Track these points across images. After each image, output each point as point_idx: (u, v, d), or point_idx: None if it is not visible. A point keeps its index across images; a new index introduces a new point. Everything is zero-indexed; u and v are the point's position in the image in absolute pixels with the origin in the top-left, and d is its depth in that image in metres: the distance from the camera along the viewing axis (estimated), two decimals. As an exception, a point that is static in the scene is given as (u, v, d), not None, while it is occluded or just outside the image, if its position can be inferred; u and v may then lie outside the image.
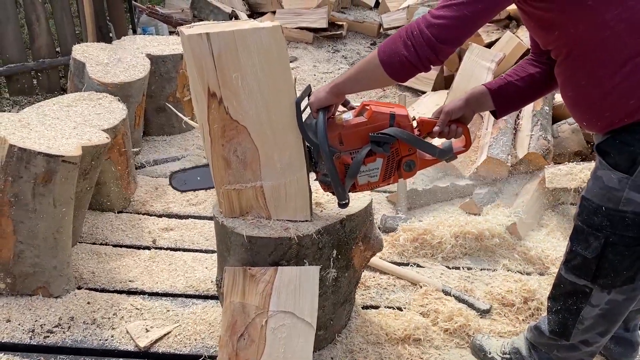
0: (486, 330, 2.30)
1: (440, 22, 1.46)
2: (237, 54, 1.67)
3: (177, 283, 2.51)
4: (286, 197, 1.88)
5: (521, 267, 2.72)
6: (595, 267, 1.64)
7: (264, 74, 1.71)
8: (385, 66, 1.56)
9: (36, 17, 4.33)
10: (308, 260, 1.89)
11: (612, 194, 1.55)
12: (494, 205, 3.05)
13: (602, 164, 1.59)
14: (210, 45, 1.65)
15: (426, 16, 1.50)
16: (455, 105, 1.83)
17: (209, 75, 1.69)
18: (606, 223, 1.58)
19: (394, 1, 6.42)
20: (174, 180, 2.20)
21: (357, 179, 1.81)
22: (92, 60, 3.27)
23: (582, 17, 1.46)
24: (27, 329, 2.20)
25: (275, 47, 1.69)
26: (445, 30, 1.47)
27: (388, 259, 2.73)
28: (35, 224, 2.20)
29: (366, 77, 1.65)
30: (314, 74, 5.10)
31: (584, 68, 1.53)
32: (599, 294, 1.68)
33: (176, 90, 3.70)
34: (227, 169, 1.84)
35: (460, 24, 1.47)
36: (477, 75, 3.97)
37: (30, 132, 2.29)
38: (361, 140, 1.78)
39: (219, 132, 1.78)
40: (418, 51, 1.49)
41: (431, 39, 1.47)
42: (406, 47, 1.51)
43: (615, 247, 1.59)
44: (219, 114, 1.75)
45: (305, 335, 1.80)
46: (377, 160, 1.80)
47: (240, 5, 6.27)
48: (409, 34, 1.51)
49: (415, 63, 1.52)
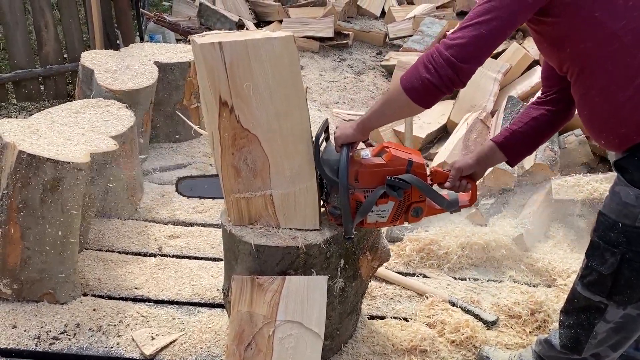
0: (493, 342, 2.29)
1: (459, 42, 1.49)
2: (249, 63, 1.68)
3: (183, 291, 2.51)
4: (295, 206, 1.88)
5: (528, 278, 2.71)
6: (611, 284, 1.62)
7: (276, 84, 1.72)
8: (408, 92, 1.58)
9: (45, 23, 4.35)
10: (316, 270, 1.89)
11: (629, 210, 1.55)
12: (500, 216, 3.04)
13: (620, 180, 1.59)
14: (222, 54, 1.66)
15: (444, 40, 1.54)
16: (467, 163, 1.88)
17: (220, 83, 1.70)
18: (622, 239, 1.58)
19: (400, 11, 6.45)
20: (181, 186, 2.19)
21: (366, 216, 1.84)
22: (100, 67, 3.28)
23: (590, 30, 1.47)
24: (32, 335, 2.19)
25: (287, 57, 1.70)
26: (464, 50, 1.49)
27: (394, 269, 2.72)
28: (43, 230, 2.21)
29: (391, 108, 1.68)
30: (320, 83, 5.11)
31: (596, 84, 1.54)
32: (614, 310, 1.67)
33: (183, 97, 3.71)
34: (237, 177, 1.84)
35: (478, 43, 1.49)
36: (484, 86, 3.98)
37: (39, 138, 2.30)
38: (377, 180, 1.80)
39: (229, 140, 1.78)
40: (440, 72, 1.51)
41: (451, 59, 1.49)
42: (427, 70, 1.53)
43: (632, 263, 1.58)
44: (230, 122, 1.75)
45: (312, 346, 1.80)
46: (388, 202, 1.83)
47: (247, 14, 6.30)
48: (430, 57, 1.53)
49: (438, 84, 1.53)
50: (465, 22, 1.51)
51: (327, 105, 4.70)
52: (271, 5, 6.38)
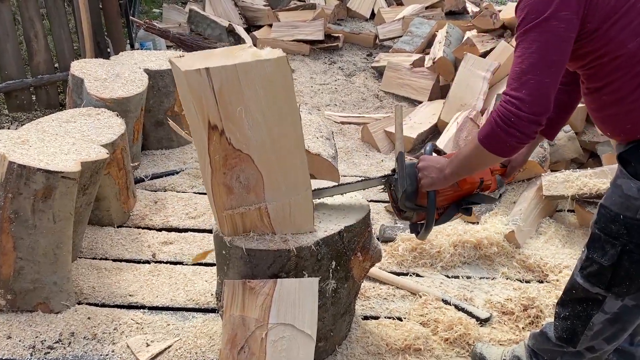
0: (486, 339, 2.31)
1: (530, 99, 1.48)
2: (240, 87, 1.61)
3: (177, 297, 2.52)
4: (291, 214, 1.89)
5: (520, 275, 2.73)
6: (611, 275, 1.65)
7: (268, 104, 1.67)
8: (497, 154, 1.61)
9: (34, 33, 4.36)
10: (307, 272, 1.90)
11: (631, 202, 1.57)
12: (492, 214, 3.06)
13: (622, 172, 1.61)
14: (210, 80, 1.57)
15: (510, 100, 1.51)
16: (522, 159, 2.02)
17: (209, 109, 1.62)
18: (623, 231, 1.60)
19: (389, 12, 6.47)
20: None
21: None
22: (90, 76, 3.29)
23: (610, 49, 1.51)
24: (27, 345, 2.20)
25: (280, 78, 1.64)
26: (538, 104, 1.49)
27: (387, 269, 2.74)
28: (35, 240, 2.21)
29: (477, 164, 1.72)
30: (311, 86, 5.13)
31: (607, 87, 1.58)
32: (612, 302, 1.69)
33: (174, 104, 3.72)
34: (229, 195, 1.81)
35: (546, 92, 1.49)
36: (473, 85, 4.00)
37: (30, 148, 2.31)
38: (450, 201, 1.94)
39: (220, 161, 1.73)
40: (526, 133, 1.52)
41: (531, 117, 1.49)
42: (511, 135, 1.53)
43: (632, 255, 1.60)
44: (221, 145, 1.69)
45: (305, 347, 1.81)
46: (457, 214, 2.00)
47: (237, 19, 6.31)
48: (508, 122, 1.51)
49: (526, 141, 1.55)
50: (521, 77, 1.50)
51: (318, 108, 4.71)
52: (261, 9, 6.39)
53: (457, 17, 5.72)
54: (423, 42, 5.23)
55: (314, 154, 2.83)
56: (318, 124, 3.21)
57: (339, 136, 4.23)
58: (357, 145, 4.13)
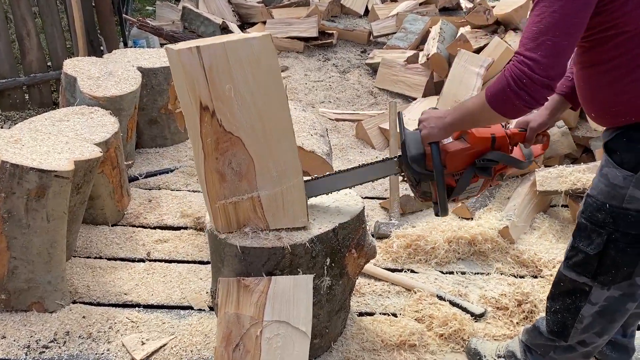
0: (481, 334, 2.32)
1: (545, 61, 1.44)
2: (229, 65, 1.69)
3: (172, 295, 2.52)
4: (284, 205, 1.89)
5: (514, 270, 2.74)
6: (597, 264, 1.67)
7: (256, 84, 1.73)
8: (502, 114, 1.57)
9: (27, 32, 4.33)
10: (302, 269, 1.91)
11: (617, 191, 1.59)
12: (486, 210, 3.07)
13: (608, 161, 1.62)
14: (201, 58, 1.66)
15: (524, 60, 1.46)
16: (543, 121, 1.93)
17: (200, 88, 1.70)
18: (609, 220, 1.62)
19: (383, 9, 6.47)
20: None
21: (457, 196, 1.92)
22: (83, 75, 3.28)
23: (616, 17, 1.47)
24: (22, 345, 2.20)
25: (265, 56, 1.71)
26: (553, 67, 1.44)
27: (382, 265, 2.75)
28: (29, 240, 2.21)
29: (479, 120, 1.68)
30: (306, 83, 5.12)
31: (603, 65, 1.56)
32: (598, 292, 1.71)
33: (168, 102, 3.71)
34: (222, 183, 1.84)
35: (562, 55, 1.45)
36: (467, 81, 4.00)
37: (22, 147, 2.30)
38: (464, 163, 1.86)
39: (212, 145, 1.78)
40: (536, 97, 1.48)
41: (545, 81, 1.45)
42: (520, 98, 1.48)
43: (617, 243, 1.62)
44: (212, 127, 1.75)
45: (300, 344, 1.81)
46: (478, 180, 1.90)
47: (231, 16, 6.29)
48: (520, 84, 1.47)
49: (534, 106, 1.51)
50: (537, 37, 1.45)
51: (312, 105, 4.71)
52: (254, 6, 6.38)
53: (451, 13, 5.73)
54: (417, 38, 5.23)
55: (308, 150, 2.83)
56: (312, 121, 3.21)
57: (334, 133, 4.23)
58: (351, 142, 4.13)
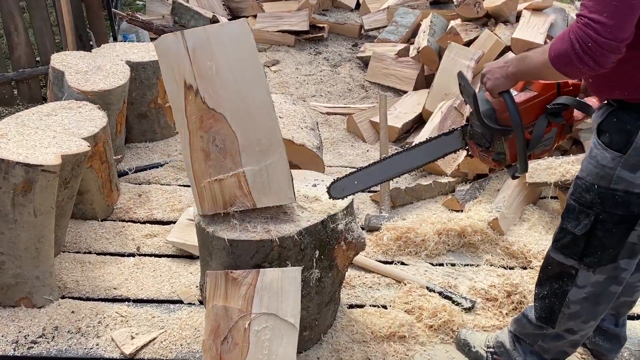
0: (470, 325, 2.33)
1: (612, 23, 1.37)
2: (211, 47, 1.87)
3: (162, 289, 2.51)
4: (269, 181, 1.92)
5: (504, 261, 2.75)
6: (584, 245, 1.69)
7: (236, 63, 1.89)
8: (566, 74, 1.53)
9: (15, 27, 4.30)
10: (290, 262, 1.91)
11: (605, 172, 1.61)
12: (475, 202, 3.08)
13: (596, 144, 1.64)
14: (184, 41, 1.87)
15: (589, 23, 1.40)
16: None
17: (184, 69, 1.87)
18: (597, 200, 1.64)
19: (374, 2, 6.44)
20: (333, 191, 2.04)
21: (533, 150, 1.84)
22: (71, 69, 3.25)
23: None
24: (10, 340, 2.19)
25: (244, 38, 1.89)
26: (621, 29, 1.38)
27: (372, 258, 2.75)
28: (16, 235, 2.19)
29: (542, 75, 1.64)
30: (297, 77, 5.10)
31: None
32: (584, 274, 1.73)
33: (157, 96, 3.69)
34: (207, 161, 1.91)
35: (630, 15, 1.39)
36: (457, 74, 4.00)
37: (9, 142, 2.28)
38: (534, 113, 1.79)
39: (197, 123, 1.90)
40: (601, 62, 1.42)
41: (612, 44, 1.39)
42: (584, 63, 1.43)
43: (604, 224, 1.64)
44: (196, 104, 1.89)
45: (288, 337, 1.81)
46: (552, 129, 1.83)
47: (221, 10, 6.26)
48: (585, 47, 1.41)
49: (599, 70, 1.45)
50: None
51: (304, 99, 4.69)
52: (245, 0, 6.35)
53: (442, 7, 5.72)
54: (408, 31, 5.22)
55: (298, 144, 2.82)
56: (303, 114, 3.20)
57: (325, 127, 4.22)
58: (342, 136, 4.12)
